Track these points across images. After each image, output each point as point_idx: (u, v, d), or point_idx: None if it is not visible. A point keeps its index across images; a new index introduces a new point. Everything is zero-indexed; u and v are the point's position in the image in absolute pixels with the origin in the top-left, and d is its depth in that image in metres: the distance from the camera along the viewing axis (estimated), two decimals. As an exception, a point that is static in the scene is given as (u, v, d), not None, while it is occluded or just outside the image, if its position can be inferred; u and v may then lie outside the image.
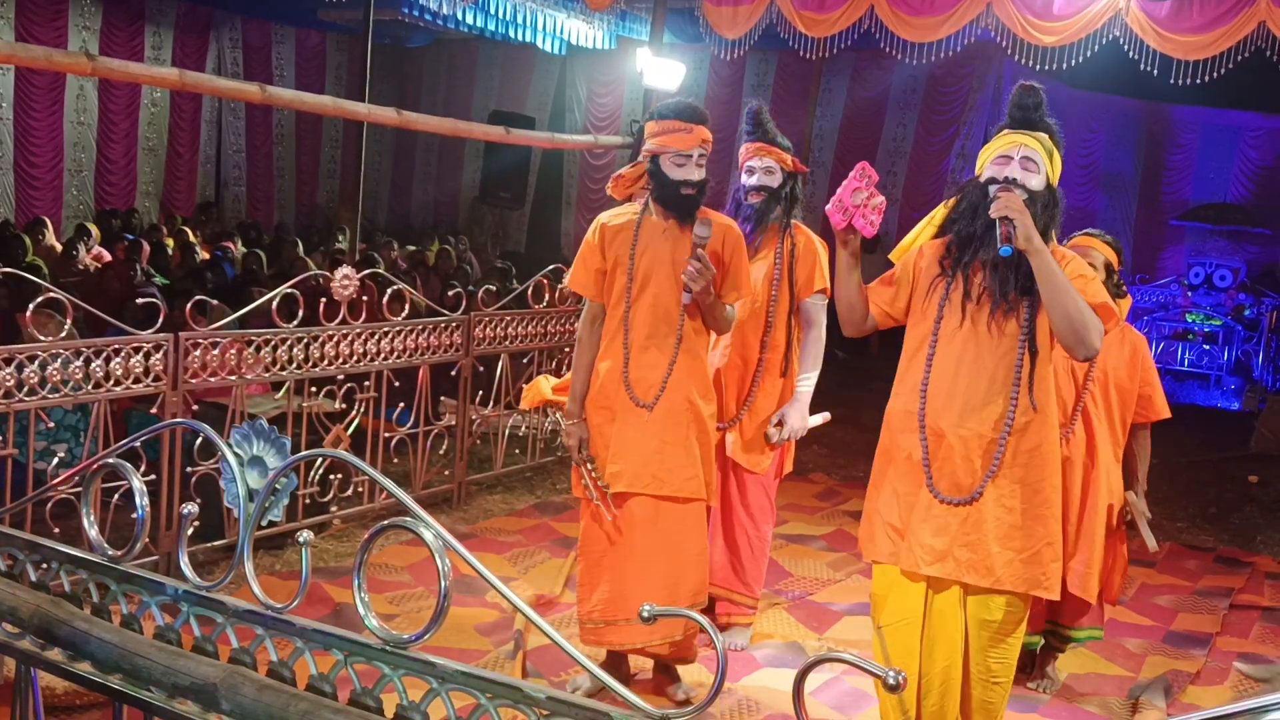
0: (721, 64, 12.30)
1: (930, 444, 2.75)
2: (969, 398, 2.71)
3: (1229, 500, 6.77)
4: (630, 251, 3.31)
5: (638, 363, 3.31)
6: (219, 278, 7.64)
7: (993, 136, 2.85)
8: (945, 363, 2.74)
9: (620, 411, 3.33)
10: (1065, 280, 2.61)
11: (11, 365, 3.57)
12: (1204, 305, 11.92)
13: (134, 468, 1.56)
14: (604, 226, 3.38)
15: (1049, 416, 2.75)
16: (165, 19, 12.46)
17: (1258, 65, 6.21)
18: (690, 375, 3.32)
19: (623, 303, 3.31)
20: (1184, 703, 3.80)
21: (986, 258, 2.70)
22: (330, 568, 4.42)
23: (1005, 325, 2.70)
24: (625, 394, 3.31)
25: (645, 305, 3.29)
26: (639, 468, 3.28)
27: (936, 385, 2.75)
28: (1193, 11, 6.08)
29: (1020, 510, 2.72)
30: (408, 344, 4.97)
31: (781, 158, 3.81)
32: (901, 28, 6.80)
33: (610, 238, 3.36)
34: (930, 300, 2.79)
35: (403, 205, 15.85)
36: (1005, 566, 2.71)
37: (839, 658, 1.26)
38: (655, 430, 3.29)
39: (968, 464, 2.71)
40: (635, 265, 3.30)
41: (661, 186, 3.28)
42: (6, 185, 11.24)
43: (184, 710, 1.36)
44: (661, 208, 3.31)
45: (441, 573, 1.29)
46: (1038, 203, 2.73)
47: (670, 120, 3.26)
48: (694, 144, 3.23)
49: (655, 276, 3.28)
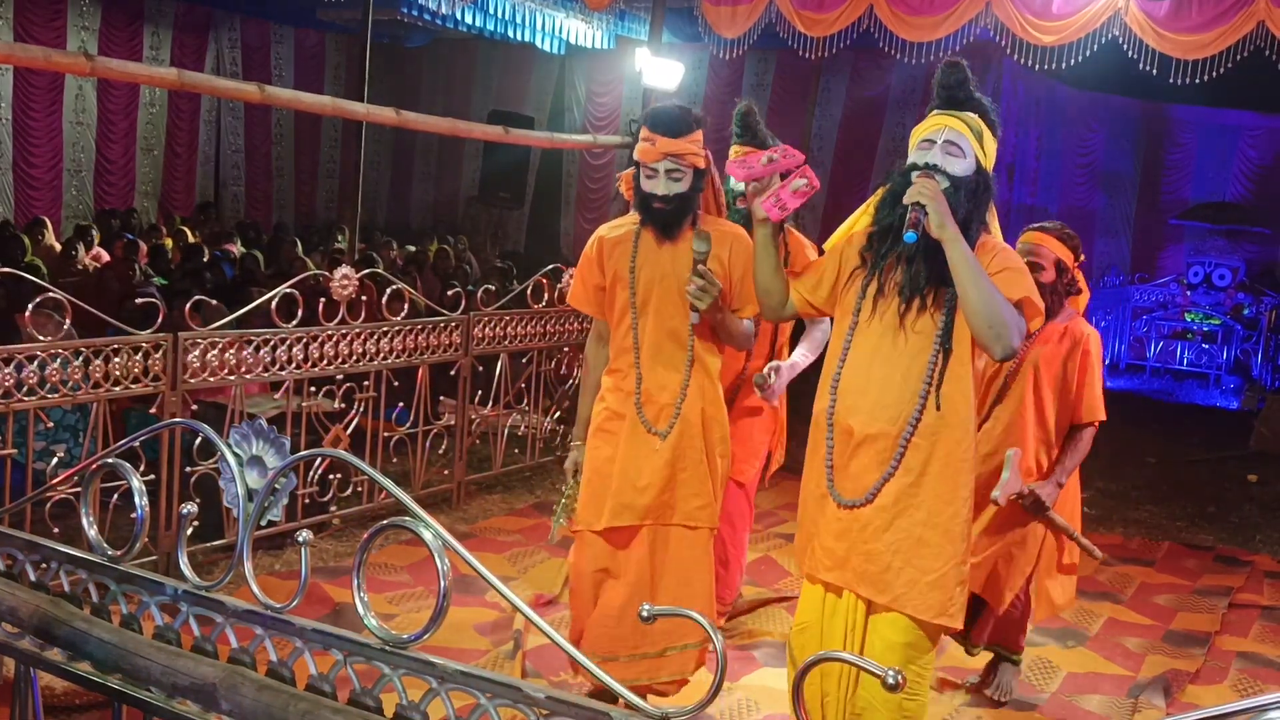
0: (720, 64, 12.30)
1: (837, 443, 2.61)
2: (880, 396, 2.54)
3: (1228, 499, 6.77)
4: (630, 265, 3.12)
5: (649, 383, 3.11)
6: (218, 278, 7.64)
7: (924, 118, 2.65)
8: (859, 359, 2.60)
9: (628, 436, 3.11)
10: (980, 273, 2.42)
11: (10, 365, 3.57)
12: (1203, 304, 11.93)
13: (133, 468, 1.56)
14: (602, 239, 3.20)
15: (962, 421, 2.55)
16: (164, 19, 12.45)
17: (1257, 64, 6.21)
18: (703, 395, 3.13)
19: (627, 318, 3.13)
20: (1183, 702, 3.80)
21: (902, 249, 2.53)
22: (330, 567, 4.42)
23: (919, 321, 2.53)
24: (637, 417, 3.11)
25: (651, 322, 3.11)
26: (650, 500, 3.09)
27: (849, 382, 2.60)
28: (1192, 11, 6.08)
29: (927, 523, 2.52)
30: (407, 344, 4.96)
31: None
32: (900, 27, 6.80)
33: (609, 251, 3.17)
34: (849, 292, 2.65)
35: (402, 205, 15.85)
36: (907, 586, 2.52)
37: (838, 657, 1.26)
38: (668, 458, 3.09)
39: (872, 465, 2.55)
40: (636, 280, 3.11)
41: (638, 198, 3.13)
42: (6, 185, 11.23)
43: (183, 710, 1.36)
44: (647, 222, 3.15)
45: (441, 572, 1.29)
46: (961, 189, 2.50)
47: (643, 128, 3.09)
48: (656, 157, 3.02)
49: (657, 291, 3.10)
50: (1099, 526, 5.97)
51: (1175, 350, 11.56)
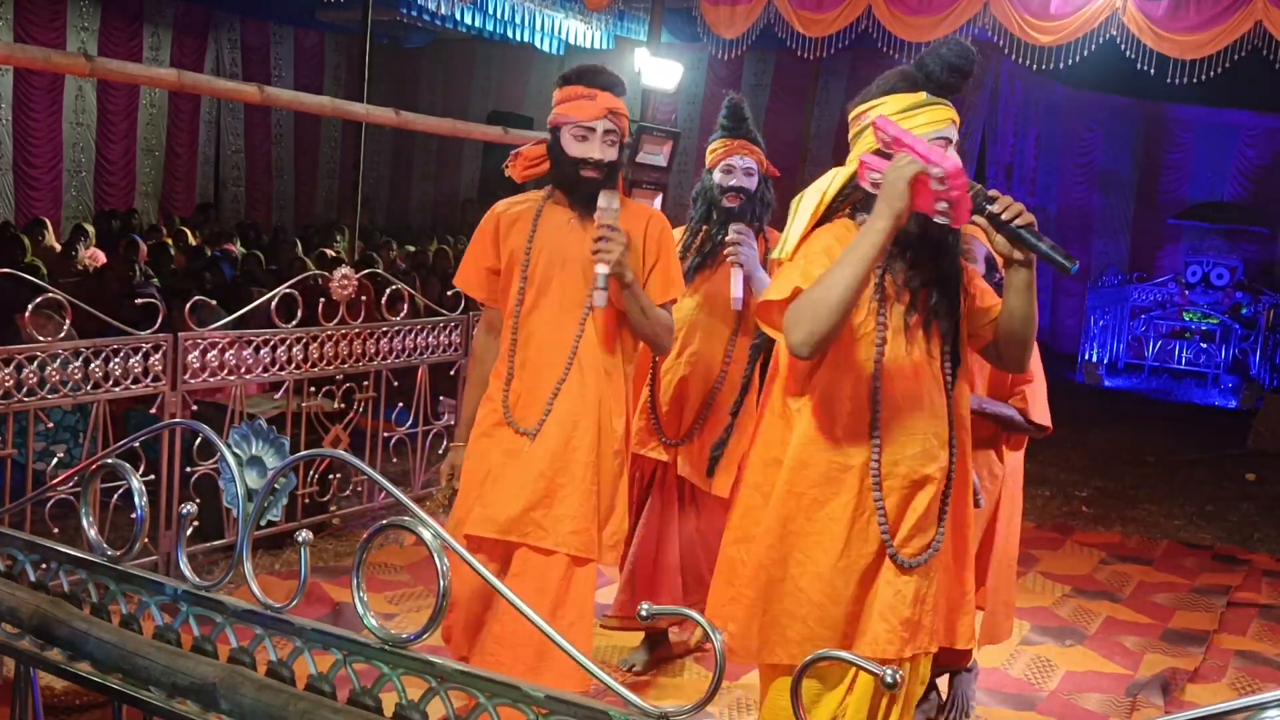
0: (719, 64, 12.29)
1: (889, 500, 2.17)
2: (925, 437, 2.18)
3: (1226, 498, 6.78)
4: (526, 246, 2.73)
5: (520, 379, 2.73)
6: (217, 278, 7.64)
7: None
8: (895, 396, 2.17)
9: (501, 439, 2.74)
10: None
11: (10, 366, 3.57)
12: (1201, 304, 11.94)
13: (133, 468, 1.56)
14: (500, 215, 2.81)
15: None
16: (163, 19, 12.46)
17: (1254, 64, 6.22)
18: (596, 397, 2.70)
19: (515, 308, 2.75)
20: (1182, 700, 3.81)
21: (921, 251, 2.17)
22: (329, 567, 4.43)
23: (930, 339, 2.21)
24: (504, 417, 2.73)
25: (543, 312, 2.73)
26: (519, 511, 2.67)
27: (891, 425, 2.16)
28: (1189, 11, 6.09)
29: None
30: (406, 344, 4.97)
31: (761, 158, 3.46)
32: (899, 27, 6.81)
33: (506, 229, 2.78)
34: (866, 315, 2.16)
35: (401, 205, 15.86)
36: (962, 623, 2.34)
37: (837, 656, 1.27)
38: (540, 466, 2.67)
39: (933, 517, 2.21)
40: (531, 263, 2.72)
41: (558, 165, 2.73)
42: (6, 186, 11.24)
43: (183, 710, 1.37)
44: (563, 193, 2.76)
45: (440, 572, 1.29)
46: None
47: (572, 86, 2.69)
48: (598, 114, 2.65)
49: (558, 278, 2.72)
50: (1098, 525, 5.98)
51: (1173, 349, 11.57)
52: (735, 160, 3.43)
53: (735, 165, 3.43)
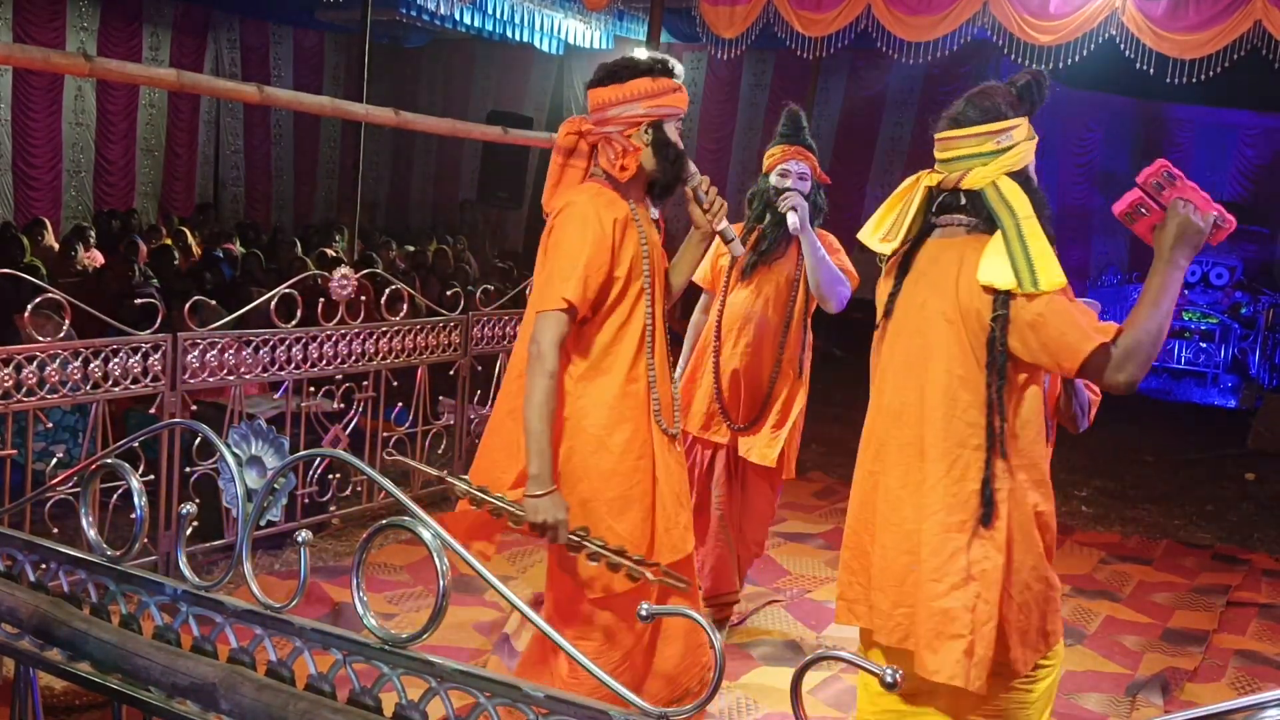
0: (719, 64, 12.31)
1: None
2: None
3: (1226, 498, 6.78)
4: (643, 251, 2.63)
5: (661, 381, 2.68)
6: (217, 278, 7.64)
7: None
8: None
9: (660, 444, 2.65)
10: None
11: (10, 366, 3.57)
12: (1201, 303, 11.94)
13: (132, 468, 1.56)
14: (610, 222, 2.57)
15: None
16: (163, 19, 12.46)
17: (1254, 64, 6.22)
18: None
19: (644, 315, 2.62)
20: (1181, 700, 3.81)
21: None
22: (329, 567, 4.43)
23: None
24: (658, 426, 2.64)
25: (658, 315, 2.69)
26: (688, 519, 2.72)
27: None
28: (1189, 10, 6.08)
29: None
30: (406, 344, 4.97)
31: (814, 164, 3.76)
32: (898, 27, 6.80)
33: (620, 236, 2.59)
34: None
35: (401, 205, 15.85)
36: None
37: (837, 655, 1.27)
38: (681, 467, 2.73)
39: None
40: (651, 267, 2.65)
41: (667, 159, 2.63)
42: (5, 186, 11.24)
43: (183, 710, 1.37)
44: (661, 188, 2.69)
45: (440, 572, 1.29)
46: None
47: (668, 78, 2.63)
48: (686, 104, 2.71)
49: (657, 273, 2.69)
50: (1097, 525, 5.98)
51: (1173, 349, 11.57)
52: (791, 165, 3.71)
53: (790, 169, 3.70)
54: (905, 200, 2.33)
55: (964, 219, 2.30)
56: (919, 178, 2.34)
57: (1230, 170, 12.79)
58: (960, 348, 2.23)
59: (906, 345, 2.34)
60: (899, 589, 2.29)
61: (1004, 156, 2.25)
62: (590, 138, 2.67)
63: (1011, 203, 2.20)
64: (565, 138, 2.70)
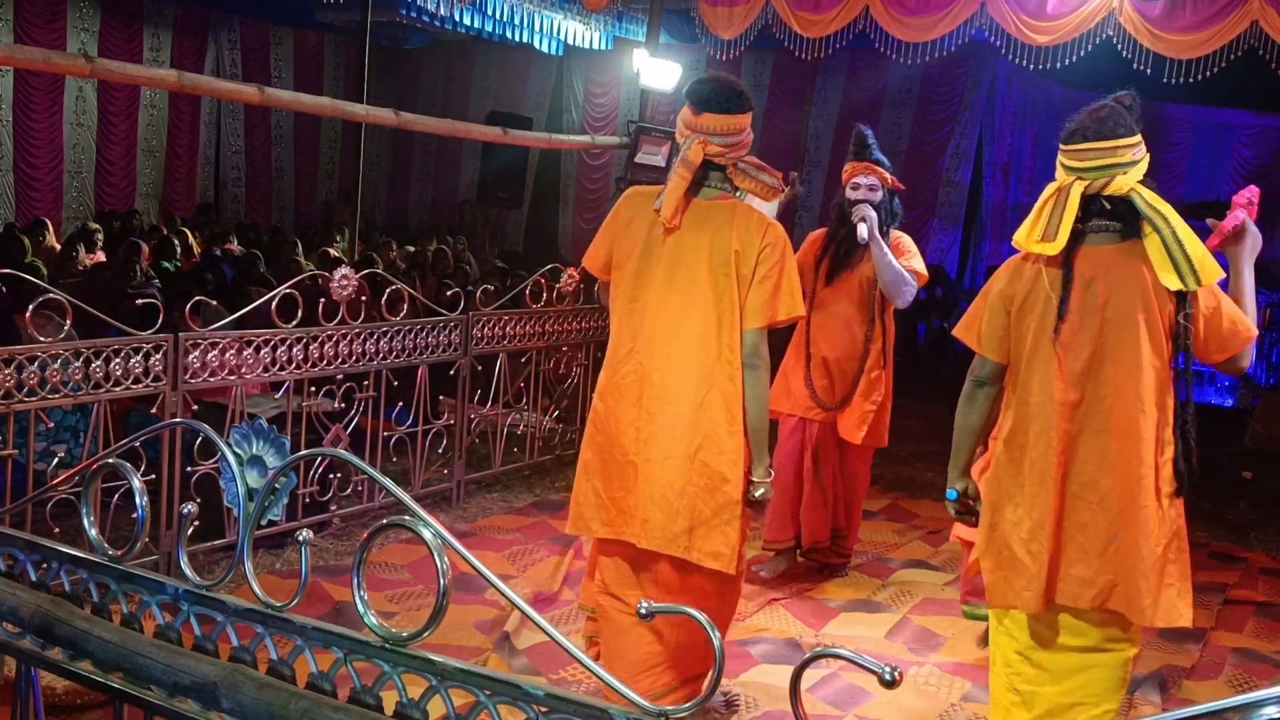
0: (717, 64, 12.25)
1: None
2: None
3: (1223, 496, 6.78)
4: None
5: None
6: (218, 279, 7.64)
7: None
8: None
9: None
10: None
11: (11, 366, 3.58)
12: (1200, 303, 11.92)
13: (134, 468, 1.57)
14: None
15: None
16: (163, 20, 12.45)
17: (1250, 64, 6.22)
18: None
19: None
20: (1179, 697, 3.82)
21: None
22: (330, 566, 4.44)
23: None
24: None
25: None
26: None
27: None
28: (1186, 11, 6.09)
29: None
30: (406, 344, 4.98)
31: (883, 175, 4.40)
32: (896, 28, 6.81)
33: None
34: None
35: (401, 205, 15.85)
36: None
37: (836, 654, 1.27)
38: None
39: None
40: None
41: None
42: (6, 187, 11.24)
43: (184, 709, 1.37)
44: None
45: (440, 571, 1.30)
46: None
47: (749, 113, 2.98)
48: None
49: None
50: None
51: (1172, 348, 11.55)
52: (860, 179, 4.41)
53: (860, 183, 4.41)
54: (1057, 205, 2.59)
55: (1115, 224, 2.61)
56: (1065, 185, 2.60)
57: (1228, 170, 12.80)
58: (1154, 343, 2.57)
59: (1096, 342, 2.59)
60: (1100, 558, 2.68)
61: (1138, 166, 2.58)
62: (724, 159, 2.90)
63: (1160, 208, 2.53)
64: (697, 155, 2.88)
